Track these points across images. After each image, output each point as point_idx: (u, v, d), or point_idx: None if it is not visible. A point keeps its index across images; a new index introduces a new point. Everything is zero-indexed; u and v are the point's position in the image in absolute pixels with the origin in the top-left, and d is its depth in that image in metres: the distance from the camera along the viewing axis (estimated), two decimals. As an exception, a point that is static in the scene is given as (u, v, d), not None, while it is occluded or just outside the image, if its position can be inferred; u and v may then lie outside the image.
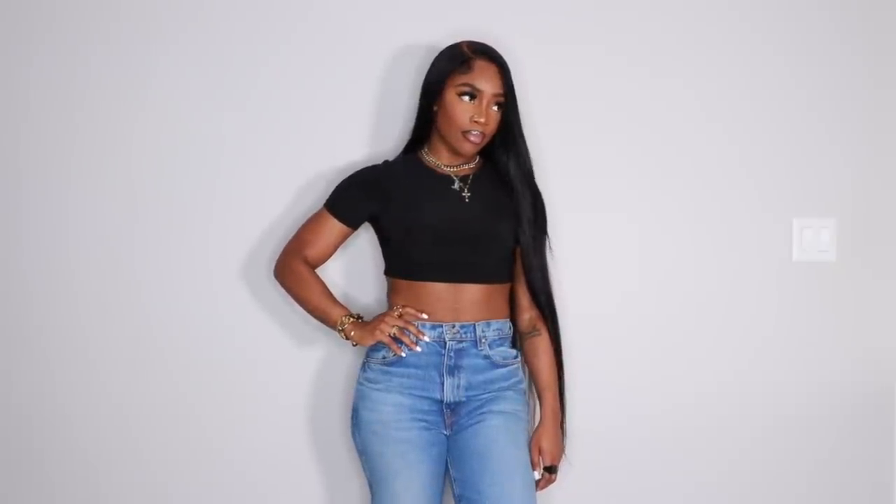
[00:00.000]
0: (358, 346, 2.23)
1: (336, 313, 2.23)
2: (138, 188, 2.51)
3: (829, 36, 2.55)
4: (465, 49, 2.21)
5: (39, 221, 2.52)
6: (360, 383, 2.25)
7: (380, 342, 2.18)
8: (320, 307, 2.26)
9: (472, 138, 2.19)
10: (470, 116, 2.17)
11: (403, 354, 2.18)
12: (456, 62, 2.19)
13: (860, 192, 2.57)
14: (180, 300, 2.51)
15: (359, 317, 2.23)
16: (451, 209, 2.22)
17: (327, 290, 2.27)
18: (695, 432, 2.55)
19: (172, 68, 2.50)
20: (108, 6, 2.50)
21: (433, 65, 2.25)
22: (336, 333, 2.25)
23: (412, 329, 2.18)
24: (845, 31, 2.56)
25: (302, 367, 2.50)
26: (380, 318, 2.20)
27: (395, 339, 2.18)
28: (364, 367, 2.25)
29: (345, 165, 2.43)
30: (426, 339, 2.19)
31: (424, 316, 2.20)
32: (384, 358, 2.21)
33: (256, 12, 2.50)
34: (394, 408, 2.18)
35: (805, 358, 2.57)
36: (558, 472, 2.31)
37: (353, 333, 2.20)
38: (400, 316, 2.19)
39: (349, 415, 2.30)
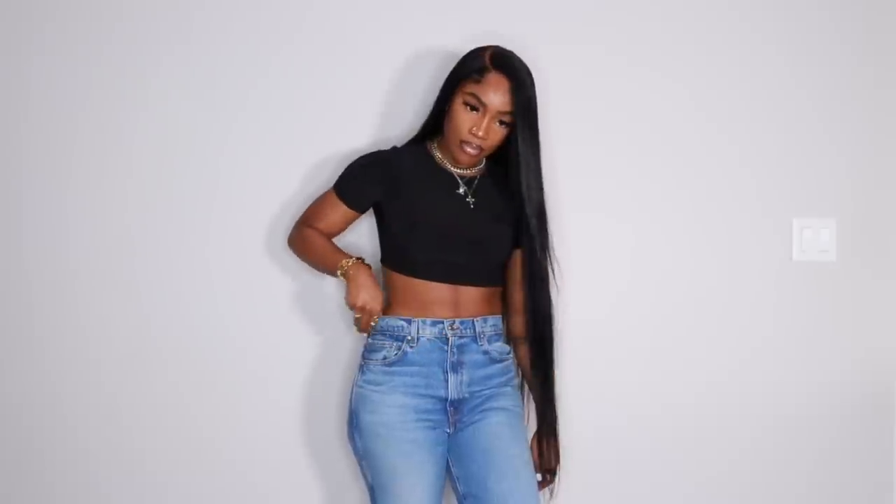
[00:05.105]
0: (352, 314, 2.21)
1: (343, 256, 2.18)
2: (138, 188, 2.51)
3: (829, 36, 2.55)
4: (486, 58, 2.15)
5: (39, 221, 2.52)
6: (359, 386, 2.21)
7: (357, 320, 2.15)
8: (328, 254, 2.21)
9: (468, 149, 2.17)
10: (469, 127, 2.14)
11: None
12: (472, 69, 2.15)
13: (860, 192, 2.57)
14: (180, 300, 2.51)
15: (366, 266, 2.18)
16: (456, 212, 2.22)
17: (335, 245, 2.25)
18: (695, 432, 2.55)
19: (175, 61, 2.49)
20: (109, 6, 2.50)
21: (457, 64, 2.21)
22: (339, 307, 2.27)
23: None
24: (845, 31, 2.56)
25: (301, 366, 2.50)
26: (367, 320, 2.16)
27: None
28: (362, 369, 2.23)
29: (350, 151, 2.43)
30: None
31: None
32: (385, 359, 2.20)
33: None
34: (398, 409, 2.17)
35: (804, 358, 2.57)
36: (556, 473, 2.31)
37: (354, 270, 2.13)
38: (372, 327, 2.18)
39: (346, 417, 2.29)
